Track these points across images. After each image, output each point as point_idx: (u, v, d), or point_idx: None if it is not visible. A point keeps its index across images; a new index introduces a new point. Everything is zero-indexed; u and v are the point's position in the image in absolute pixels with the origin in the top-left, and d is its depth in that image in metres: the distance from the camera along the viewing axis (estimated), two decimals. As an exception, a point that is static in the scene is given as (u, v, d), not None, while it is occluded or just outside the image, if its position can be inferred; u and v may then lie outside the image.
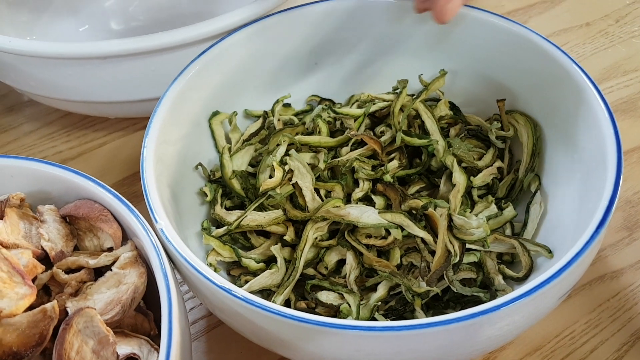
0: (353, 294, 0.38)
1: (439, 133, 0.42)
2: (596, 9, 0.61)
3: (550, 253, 0.38)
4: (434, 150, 0.42)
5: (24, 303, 0.29)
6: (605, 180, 0.34)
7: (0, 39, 0.46)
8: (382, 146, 0.42)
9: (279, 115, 0.47)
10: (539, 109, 0.43)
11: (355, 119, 0.45)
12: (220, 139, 0.46)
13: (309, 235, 0.39)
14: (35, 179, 0.38)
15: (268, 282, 0.39)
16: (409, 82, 0.46)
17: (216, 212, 0.42)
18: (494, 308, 0.30)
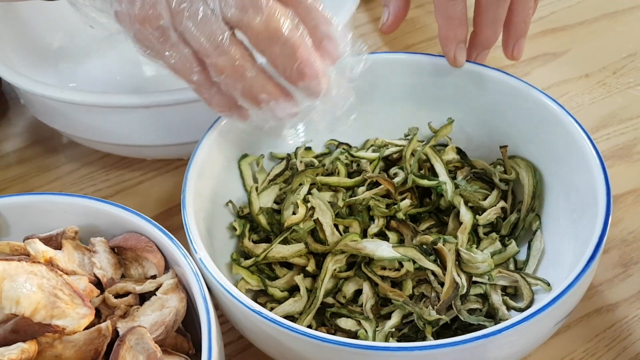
0: (369, 320, 0.42)
1: (446, 175, 0.47)
2: (595, 62, 0.66)
3: (549, 286, 0.42)
4: (442, 191, 0.46)
5: (85, 322, 0.33)
6: (595, 221, 0.38)
7: (53, 89, 0.51)
8: (395, 187, 0.46)
9: (301, 157, 0.52)
10: (538, 155, 0.48)
11: (371, 162, 0.49)
12: (248, 178, 0.50)
13: (328, 266, 0.44)
14: (85, 214, 0.43)
15: (292, 309, 0.43)
16: (419, 129, 0.51)
17: (245, 245, 0.46)
18: (497, 332, 0.34)
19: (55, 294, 0.34)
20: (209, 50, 0.37)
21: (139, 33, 0.39)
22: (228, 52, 0.37)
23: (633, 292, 0.48)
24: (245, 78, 0.38)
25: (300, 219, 0.45)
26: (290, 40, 0.37)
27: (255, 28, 0.36)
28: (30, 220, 0.43)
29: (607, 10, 0.72)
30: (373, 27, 0.73)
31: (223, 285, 0.37)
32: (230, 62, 0.38)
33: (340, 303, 0.44)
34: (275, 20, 0.36)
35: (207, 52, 0.38)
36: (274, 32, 0.36)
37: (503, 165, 0.49)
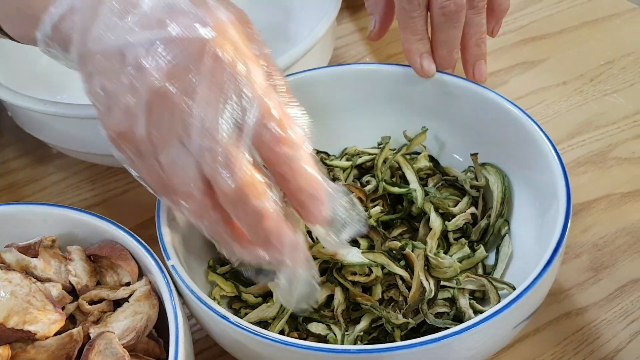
0: (339, 324, 0.43)
1: (417, 183, 0.48)
2: (573, 69, 0.67)
3: (515, 289, 0.43)
4: (412, 197, 0.47)
5: (55, 327, 0.35)
6: (555, 226, 0.39)
7: (36, 102, 0.52)
8: (367, 194, 0.48)
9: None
10: (507, 162, 0.49)
11: (344, 170, 0.50)
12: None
13: None
14: (65, 223, 0.44)
15: (265, 314, 0.44)
16: (390, 137, 0.52)
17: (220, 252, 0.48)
18: (457, 332, 0.35)
19: (28, 300, 0.35)
20: (179, 192, 0.36)
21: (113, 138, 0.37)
22: (196, 200, 0.36)
23: (602, 296, 0.49)
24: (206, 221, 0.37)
25: None
26: (257, 208, 0.34)
27: (225, 190, 0.34)
28: (12, 229, 0.45)
29: (586, 18, 0.73)
30: (358, 37, 0.74)
31: (194, 292, 0.39)
32: (196, 207, 0.36)
33: (313, 308, 0.45)
34: (245, 186, 0.34)
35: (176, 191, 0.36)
36: (242, 198, 0.34)
37: (474, 172, 0.50)
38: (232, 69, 0.34)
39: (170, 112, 0.34)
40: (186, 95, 0.34)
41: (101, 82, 0.35)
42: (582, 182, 0.56)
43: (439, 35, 0.51)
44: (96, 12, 0.35)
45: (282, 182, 0.36)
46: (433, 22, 0.51)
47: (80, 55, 0.36)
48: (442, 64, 0.51)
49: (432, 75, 0.50)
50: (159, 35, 0.34)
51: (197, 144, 0.34)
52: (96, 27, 0.35)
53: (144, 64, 0.34)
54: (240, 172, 0.34)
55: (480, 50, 0.53)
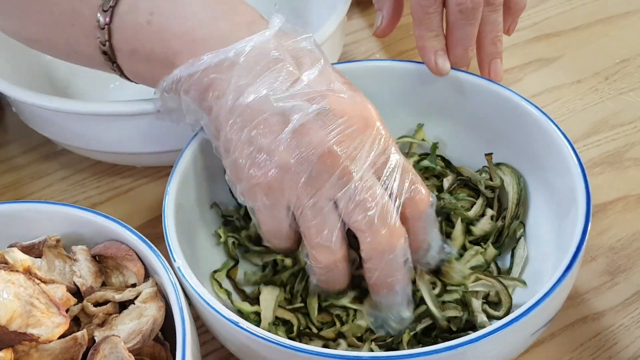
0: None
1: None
2: (588, 67, 0.66)
3: (525, 284, 0.42)
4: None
5: (59, 331, 0.34)
6: (575, 230, 0.38)
7: (42, 97, 0.51)
8: None
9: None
10: (523, 162, 0.48)
11: None
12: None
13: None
14: (70, 222, 0.43)
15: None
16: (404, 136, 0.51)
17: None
18: (472, 340, 0.34)
19: (31, 302, 0.34)
20: (315, 243, 0.39)
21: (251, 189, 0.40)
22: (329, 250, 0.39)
23: (619, 301, 0.47)
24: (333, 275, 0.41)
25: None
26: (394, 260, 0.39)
27: (376, 242, 0.38)
28: (16, 228, 0.44)
29: (601, 15, 0.71)
30: (368, 33, 0.73)
31: (200, 295, 0.38)
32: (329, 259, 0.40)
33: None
34: (395, 237, 0.38)
35: (313, 243, 0.39)
36: (388, 250, 0.38)
37: (488, 172, 0.49)
38: (385, 143, 0.39)
39: (331, 171, 0.37)
40: (349, 158, 0.38)
41: (252, 135, 0.38)
42: (598, 183, 0.55)
43: (455, 32, 0.49)
44: (261, 74, 0.38)
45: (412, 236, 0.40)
46: (449, 18, 0.50)
47: (230, 107, 0.39)
48: (457, 62, 0.50)
49: (447, 73, 0.49)
50: (322, 105, 0.38)
51: (354, 199, 0.37)
52: (257, 87, 0.38)
53: (309, 129, 0.37)
54: (393, 227, 0.38)
55: (497, 48, 0.51)
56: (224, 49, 0.39)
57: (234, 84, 0.38)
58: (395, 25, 0.58)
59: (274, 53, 0.39)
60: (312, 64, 0.39)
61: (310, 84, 0.38)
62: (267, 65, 0.38)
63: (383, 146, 0.39)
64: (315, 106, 0.38)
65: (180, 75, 0.40)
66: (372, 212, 0.37)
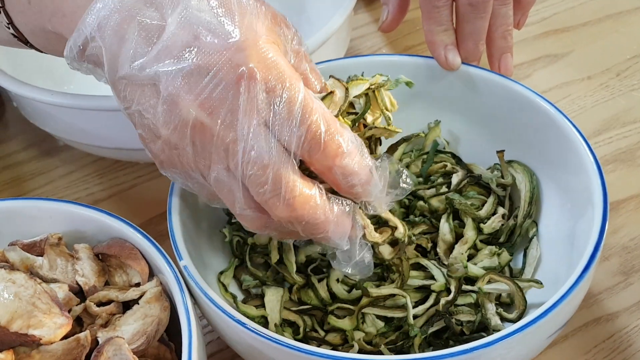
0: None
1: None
2: (598, 64, 0.64)
3: (541, 284, 0.41)
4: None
5: (61, 332, 0.33)
6: (591, 230, 0.37)
7: (43, 92, 0.50)
8: None
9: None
10: (536, 159, 0.47)
11: None
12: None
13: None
14: (72, 220, 0.42)
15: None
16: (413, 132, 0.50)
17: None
18: (486, 344, 0.33)
19: (32, 302, 0.33)
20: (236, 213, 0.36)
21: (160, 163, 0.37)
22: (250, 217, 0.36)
23: (634, 302, 0.46)
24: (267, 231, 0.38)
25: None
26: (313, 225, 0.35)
27: (279, 215, 0.35)
28: (17, 225, 0.43)
29: (610, 11, 0.70)
30: (373, 28, 0.72)
31: (206, 294, 0.37)
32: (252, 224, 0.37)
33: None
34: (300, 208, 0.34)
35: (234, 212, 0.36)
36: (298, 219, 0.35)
37: (500, 170, 0.48)
38: (270, 90, 0.33)
39: (211, 141, 0.34)
40: (225, 124, 0.33)
41: (138, 112, 0.35)
42: (610, 181, 0.52)
43: (465, 26, 0.48)
44: (122, 37, 0.34)
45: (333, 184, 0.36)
46: (459, 12, 0.49)
47: (112, 82, 0.35)
48: (467, 57, 0.49)
49: (457, 68, 0.48)
50: (187, 64, 0.33)
51: (243, 173, 0.34)
52: (124, 53, 0.34)
53: (176, 96, 0.33)
54: (291, 198, 0.34)
55: (507, 42, 0.50)
56: (82, 22, 0.35)
57: (105, 56, 0.35)
58: (400, 20, 0.57)
59: (122, 10, 0.34)
60: (173, 5, 0.34)
61: (172, 37, 0.33)
62: (122, 25, 0.34)
63: (266, 91, 0.33)
64: (178, 65, 0.33)
65: (72, 54, 0.36)
66: (263, 189, 0.34)
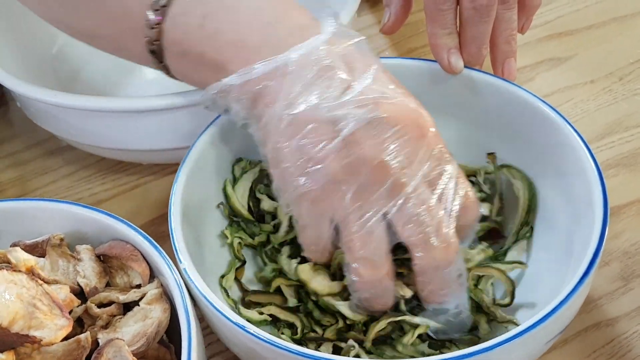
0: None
1: None
2: (601, 67, 0.64)
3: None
4: None
5: (62, 333, 0.33)
6: (591, 237, 0.37)
7: (46, 92, 0.51)
8: None
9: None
10: (536, 163, 0.46)
11: None
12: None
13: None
14: (74, 221, 0.43)
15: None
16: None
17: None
18: (485, 349, 0.33)
19: (34, 304, 0.33)
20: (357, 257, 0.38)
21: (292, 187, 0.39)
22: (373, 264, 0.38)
23: (634, 307, 0.46)
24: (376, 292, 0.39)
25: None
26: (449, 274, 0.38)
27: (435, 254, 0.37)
28: (19, 226, 0.43)
29: (615, 14, 0.70)
30: (377, 30, 0.71)
31: (206, 297, 0.37)
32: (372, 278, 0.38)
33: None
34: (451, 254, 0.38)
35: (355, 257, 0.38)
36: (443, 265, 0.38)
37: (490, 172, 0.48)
38: (440, 153, 0.38)
39: (382, 182, 0.36)
40: (401, 169, 0.36)
41: (301, 144, 0.37)
42: (612, 186, 0.53)
43: (469, 30, 0.48)
44: (312, 83, 0.37)
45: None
46: (462, 16, 0.49)
47: (280, 116, 0.38)
48: (470, 61, 0.49)
49: (460, 71, 0.48)
50: (376, 114, 0.37)
51: (406, 213, 0.36)
52: (308, 95, 0.37)
53: (360, 136, 0.36)
54: (448, 239, 0.37)
55: (511, 47, 0.50)
56: (275, 58, 0.38)
57: (284, 93, 0.38)
58: (402, 22, 0.57)
59: (325, 60, 0.38)
60: (365, 70, 0.38)
61: (363, 91, 0.37)
62: (318, 73, 0.37)
63: (437, 155, 0.38)
64: (367, 114, 0.37)
65: (231, 84, 0.39)
66: (428, 229, 0.36)
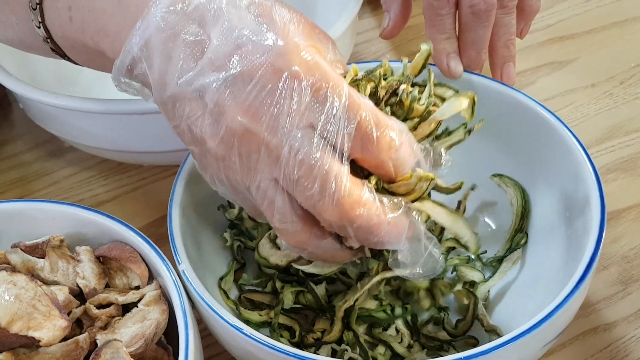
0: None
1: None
2: (602, 71, 0.64)
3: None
4: None
5: (60, 334, 0.33)
6: (587, 241, 0.37)
7: (49, 94, 0.51)
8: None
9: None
10: (535, 167, 0.47)
11: None
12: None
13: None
14: (74, 222, 0.43)
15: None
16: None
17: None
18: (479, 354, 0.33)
19: (33, 305, 0.34)
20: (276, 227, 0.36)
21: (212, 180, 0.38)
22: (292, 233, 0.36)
23: (632, 311, 0.46)
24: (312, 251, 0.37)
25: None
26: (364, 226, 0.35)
27: (327, 218, 0.34)
28: (20, 227, 0.43)
29: (616, 18, 0.70)
30: (377, 33, 0.71)
31: (204, 299, 0.37)
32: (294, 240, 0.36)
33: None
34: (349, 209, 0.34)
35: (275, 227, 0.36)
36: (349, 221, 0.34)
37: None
38: (315, 91, 0.34)
39: (257, 149, 0.34)
40: (270, 128, 0.33)
41: (188, 127, 0.36)
42: (611, 190, 0.54)
43: (468, 34, 0.48)
44: (169, 55, 0.35)
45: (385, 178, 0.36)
46: (461, 21, 0.49)
47: (161, 101, 0.36)
48: (469, 65, 0.49)
49: (460, 76, 0.48)
50: (230, 72, 0.34)
51: (289, 179, 0.34)
52: (171, 71, 0.35)
53: (222, 106, 0.34)
54: (341, 198, 0.33)
55: (510, 51, 0.51)
56: (129, 43, 0.36)
57: (152, 78, 0.36)
58: (402, 27, 0.57)
59: (174, 26, 0.35)
60: (215, 19, 0.35)
61: (215, 49, 0.34)
62: (167, 42, 0.35)
63: (312, 93, 0.33)
64: (222, 75, 0.34)
65: (114, 76, 0.38)
66: (311, 191, 0.33)
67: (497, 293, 0.45)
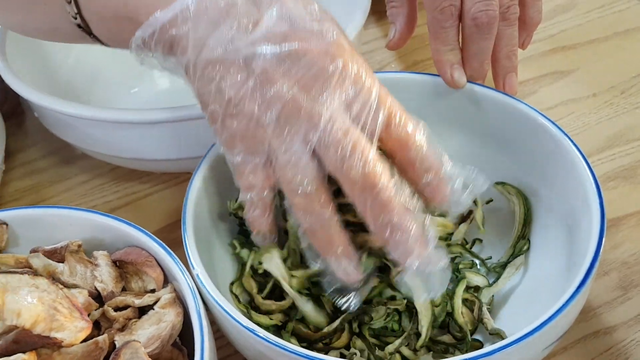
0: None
1: None
2: (603, 81, 0.66)
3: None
4: None
5: (82, 335, 0.34)
6: (587, 248, 0.38)
7: (64, 103, 0.53)
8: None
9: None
10: (536, 175, 0.48)
11: None
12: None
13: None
14: (91, 228, 0.44)
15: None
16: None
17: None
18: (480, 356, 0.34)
19: (54, 307, 0.35)
20: (291, 189, 0.38)
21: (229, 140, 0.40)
22: (305, 194, 0.38)
23: (632, 316, 0.48)
24: (310, 217, 0.39)
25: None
26: (384, 197, 0.37)
27: (352, 179, 0.37)
28: (38, 232, 0.45)
29: (617, 28, 0.71)
30: (383, 43, 0.72)
31: (217, 302, 0.38)
32: (306, 202, 0.38)
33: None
34: (373, 175, 0.37)
35: (289, 189, 0.38)
36: (370, 186, 0.36)
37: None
38: (356, 77, 0.38)
39: (297, 115, 0.37)
40: (316, 99, 0.37)
41: (218, 87, 0.38)
42: (612, 198, 0.55)
43: (471, 46, 0.50)
44: (217, 24, 0.38)
45: (408, 168, 0.39)
46: (464, 32, 0.50)
47: (194, 62, 0.38)
48: (472, 76, 0.50)
49: (463, 86, 0.49)
50: (286, 49, 0.37)
51: (325, 141, 0.37)
52: (216, 37, 0.37)
53: (271, 73, 0.37)
54: (368, 161, 0.36)
55: (512, 62, 0.52)
56: (173, 4, 0.38)
57: (192, 39, 0.38)
58: (408, 38, 0.59)
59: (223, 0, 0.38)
60: (269, 3, 0.38)
61: (271, 25, 0.37)
62: (219, 13, 0.38)
63: (353, 80, 0.38)
64: (276, 49, 0.37)
65: (143, 36, 0.39)
66: (341, 152, 0.36)
67: (501, 298, 0.46)
